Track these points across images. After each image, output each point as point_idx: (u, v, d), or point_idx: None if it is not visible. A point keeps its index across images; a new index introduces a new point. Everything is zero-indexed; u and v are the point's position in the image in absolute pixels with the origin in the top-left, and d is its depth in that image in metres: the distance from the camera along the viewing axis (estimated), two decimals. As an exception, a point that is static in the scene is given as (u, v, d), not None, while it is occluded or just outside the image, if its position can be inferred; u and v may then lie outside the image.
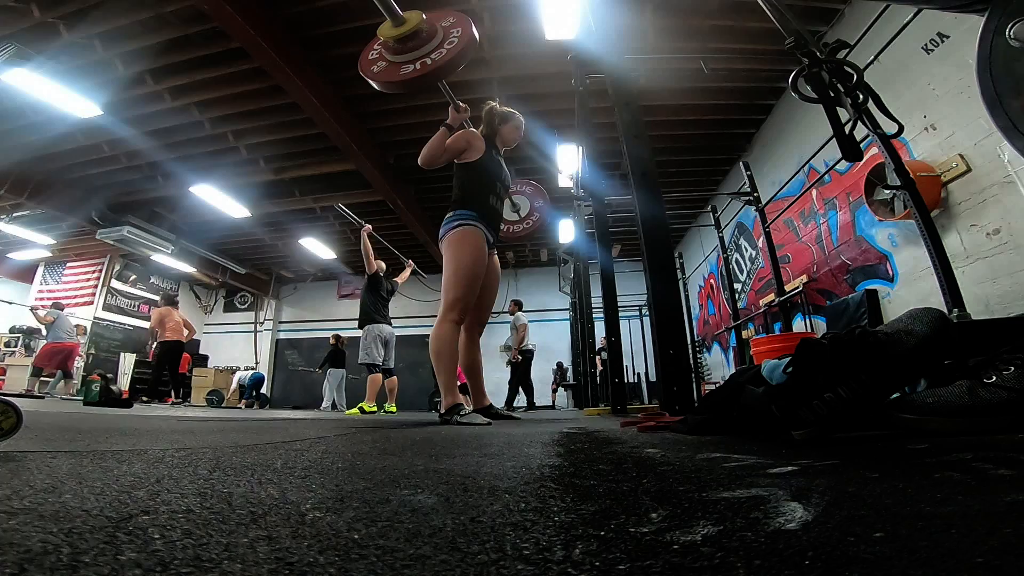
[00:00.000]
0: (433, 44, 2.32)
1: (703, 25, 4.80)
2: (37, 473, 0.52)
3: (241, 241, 10.27)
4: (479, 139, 2.55)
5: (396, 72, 2.32)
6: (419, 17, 2.29)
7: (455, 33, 2.33)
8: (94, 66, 5.17)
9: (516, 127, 2.73)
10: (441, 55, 2.28)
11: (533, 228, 3.92)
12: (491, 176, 2.53)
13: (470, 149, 2.50)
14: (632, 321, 8.70)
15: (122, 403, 4.14)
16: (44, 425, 1.31)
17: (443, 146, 2.40)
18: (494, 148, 2.64)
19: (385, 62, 2.38)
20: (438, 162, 2.41)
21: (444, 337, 2.27)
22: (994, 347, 0.78)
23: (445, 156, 2.42)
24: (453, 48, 2.28)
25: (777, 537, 0.29)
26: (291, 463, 0.67)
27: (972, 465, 0.48)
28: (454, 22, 2.41)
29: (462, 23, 2.38)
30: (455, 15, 2.46)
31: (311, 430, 1.51)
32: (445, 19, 2.43)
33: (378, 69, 2.37)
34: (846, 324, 4.27)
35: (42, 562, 0.24)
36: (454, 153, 2.46)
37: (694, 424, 1.08)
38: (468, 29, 2.34)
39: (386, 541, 0.30)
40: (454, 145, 2.44)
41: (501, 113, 2.71)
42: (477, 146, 2.52)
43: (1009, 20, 0.89)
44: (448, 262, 2.35)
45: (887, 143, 2.34)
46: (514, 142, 2.76)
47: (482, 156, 2.51)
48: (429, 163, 2.39)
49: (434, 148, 2.38)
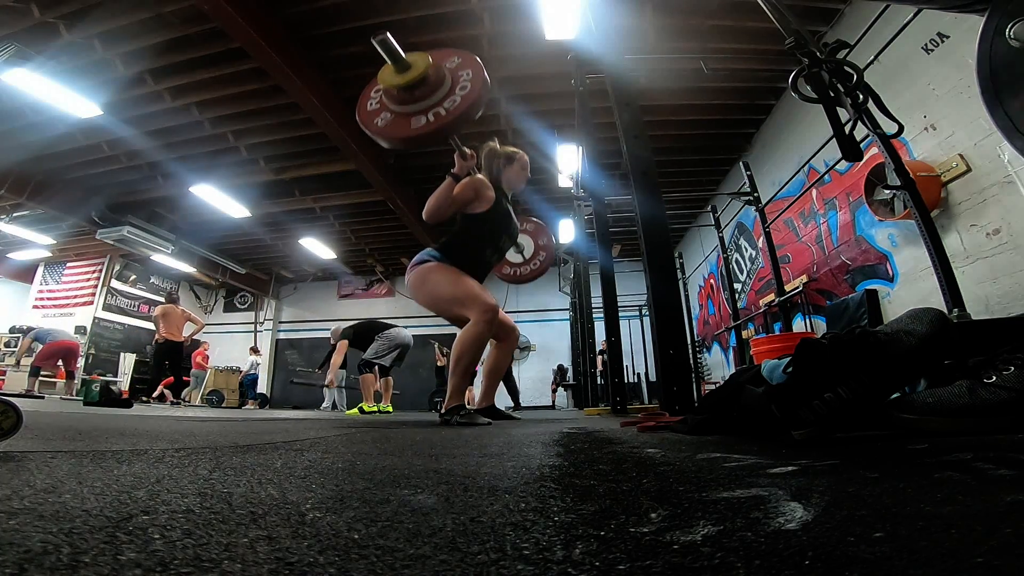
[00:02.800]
0: (443, 91, 2.04)
1: (703, 25, 4.80)
2: (37, 473, 0.52)
3: (241, 241, 10.27)
4: (489, 188, 2.33)
5: (406, 126, 2.04)
6: (425, 61, 2.02)
7: (465, 77, 2.07)
8: (94, 66, 5.17)
9: (522, 168, 2.53)
10: (455, 104, 2.00)
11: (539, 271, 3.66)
12: (497, 230, 2.36)
13: (479, 200, 2.30)
14: (632, 321, 8.70)
15: (122, 403, 4.14)
16: (44, 425, 1.31)
17: (449, 199, 2.20)
18: (503, 196, 2.42)
19: (390, 113, 2.09)
20: (445, 216, 2.23)
21: (471, 340, 2.13)
22: (994, 347, 0.78)
23: (451, 209, 2.23)
24: (468, 95, 2.01)
25: (777, 537, 0.29)
26: (291, 463, 0.67)
27: (972, 465, 0.48)
28: (460, 63, 2.14)
29: (471, 64, 2.12)
30: (460, 54, 2.19)
31: (311, 430, 1.51)
32: (449, 59, 2.16)
33: (383, 123, 2.09)
34: (846, 324, 4.27)
35: (42, 562, 0.24)
36: (461, 205, 2.27)
37: (694, 424, 1.08)
38: (479, 72, 2.08)
39: (386, 541, 0.30)
40: (461, 196, 2.25)
41: (503, 153, 2.50)
42: (486, 196, 2.31)
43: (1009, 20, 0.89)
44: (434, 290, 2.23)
45: (887, 143, 2.34)
46: (521, 185, 2.57)
47: (490, 208, 2.31)
48: (435, 218, 2.20)
49: (440, 202, 2.18)
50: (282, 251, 10.87)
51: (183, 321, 6.84)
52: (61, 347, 7.23)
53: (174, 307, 6.91)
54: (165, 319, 6.67)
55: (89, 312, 10.46)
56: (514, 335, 2.51)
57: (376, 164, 6.76)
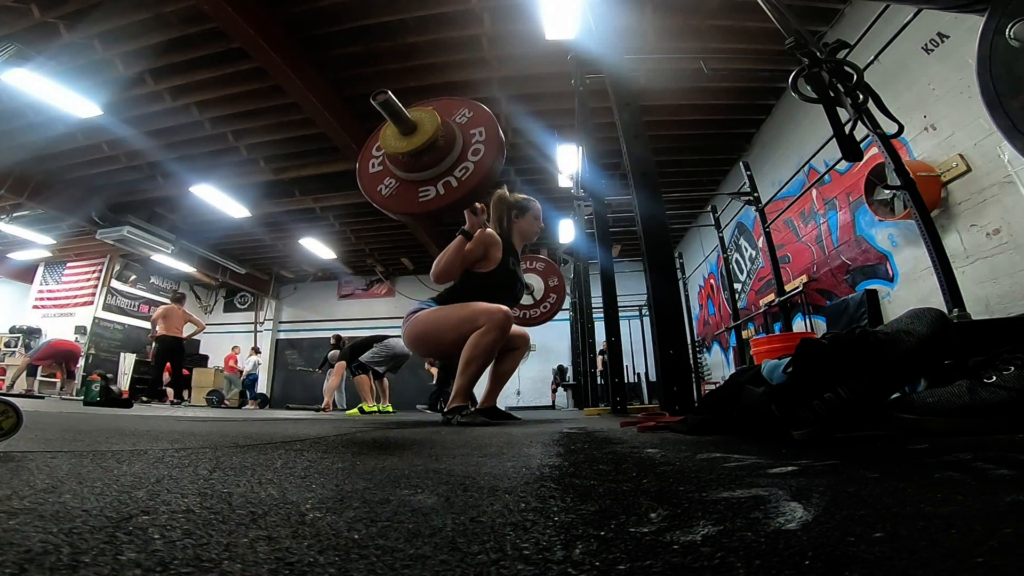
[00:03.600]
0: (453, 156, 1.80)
1: (703, 25, 4.80)
2: (37, 473, 0.52)
3: (241, 241, 10.27)
4: (497, 247, 2.24)
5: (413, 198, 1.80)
6: (434, 122, 1.77)
7: (478, 137, 1.83)
8: (94, 66, 5.17)
9: (535, 217, 2.39)
10: (467, 173, 1.77)
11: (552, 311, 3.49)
12: (501, 291, 2.23)
13: (487, 258, 2.22)
14: (632, 321, 8.70)
15: (122, 403, 4.14)
16: (44, 425, 1.31)
17: (460, 258, 2.10)
18: (512, 255, 2.31)
19: (395, 180, 1.86)
20: (455, 276, 2.12)
21: (484, 346, 2.03)
22: (994, 347, 0.78)
23: (460, 269, 2.14)
24: (482, 161, 1.78)
25: (777, 537, 0.29)
26: (291, 463, 0.67)
27: (972, 465, 0.48)
28: (472, 117, 1.90)
29: (483, 120, 1.88)
30: (470, 106, 1.94)
31: (311, 430, 1.51)
32: (459, 112, 1.92)
33: (388, 192, 1.86)
34: (846, 324, 4.27)
35: (42, 562, 0.24)
36: (470, 263, 2.18)
37: (694, 424, 1.08)
38: (493, 130, 1.83)
39: (386, 541, 0.30)
40: (471, 255, 2.16)
41: (515, 203, 2.38)
42: (493, 256, 2.22)
43: (1009, 20, 0.89)
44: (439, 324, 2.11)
45: (887, 143, 2.34)
46: (535, 236, 2.44)
47: (495, 268, 2.21)
48: (445, 279, 2.12)
49: (451, 262, 2.07)
50: (282, 251, 10.87)
51: (183, 322, 6.85)
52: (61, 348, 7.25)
53: (176, 307, 6.92)
54: (165, 319, 6.67)
55: (89, 312, 10.45)
56: (526, 344, 2.47)
57: (376, 164, 6.75)
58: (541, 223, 2.43)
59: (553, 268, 3.59)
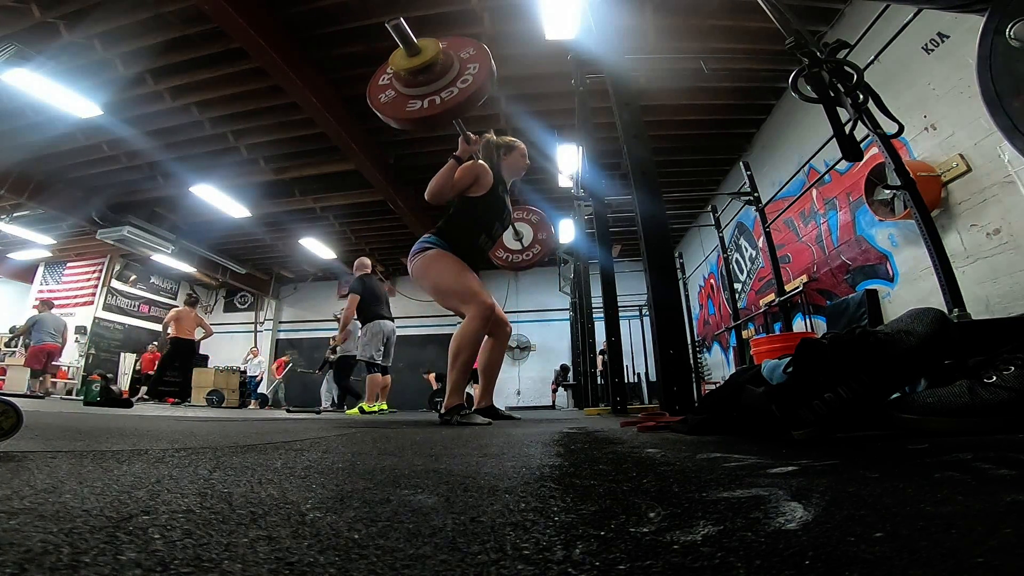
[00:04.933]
0: (445, 80, 2.12)
1: (703, 25, 4.80)
2: (37, 473, 0.52)
3: (241, 241, 10.27)
4: (488, 174, 2.43)
5: (402, 107, 2.14)
6: (436, 48, 2.10)
7: (471, 70, 2.14)
8: (94, 66, 5.17)
9: (521, 155, 2.62)
10: (451, 95, 2.08)
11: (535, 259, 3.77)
12: (490, 215, 2.44)
13: (477, 184, 2.40)
14: (632, 321, 8.70)
15: (122, 403, 4.14)
16: (44, 425, 1.31)
17: (451, 180, 2.32)
18: (500, 183, 2.53)
19: (394, 92, 2.20)
20: (445, 197, 2.33)
21: (468, 336, 2.20)
22: (994, 347, 0.78)
23: (453, 192, 2.34)
24: (466, 88, 2.08)
25: (777, 537, 0.29)
26: (291, 463, 0.67)
27: (972, 465, 0.48)
28: (474, 54, 2.20)
29: (481, 59, 2.18)
30: (476, 46, 2.25)
31: (311, 430, 1.51)
32: (465, 49, 2.23)
33: (385, 99, 2.20)
34: (846, 324, 4.27)
35: (42, 562, 0.24)
36: (462, 188, 2.38)
37: (694, 424, 1.08)
38: (485, 68, 2.14)
39: (386, 541, 0.30)
40: (462, 181, 2.35)
41: (503, 143, 2.60)
42: (484, 182, 2.41)
43: (1009, 20, 0.89)
44: (437, 282, 2.30)
45: (887, 143, 2.34)
46: (523, 170, 2.65)
47: (486, 193, 2.41)
48: (436, 199, 2.31)
49: (442, 183, 2.29)
50: (282, 251, 10.87)
51: (194, 325, 6.88)
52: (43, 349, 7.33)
53: (189, 310, 6.95)
54: (177, 322, 6.72)
55: (89, 312, 10.46)
56: (505, 329, 2.57)
57: (376, 164, 6.76)
58: (527, 160, 2.66)
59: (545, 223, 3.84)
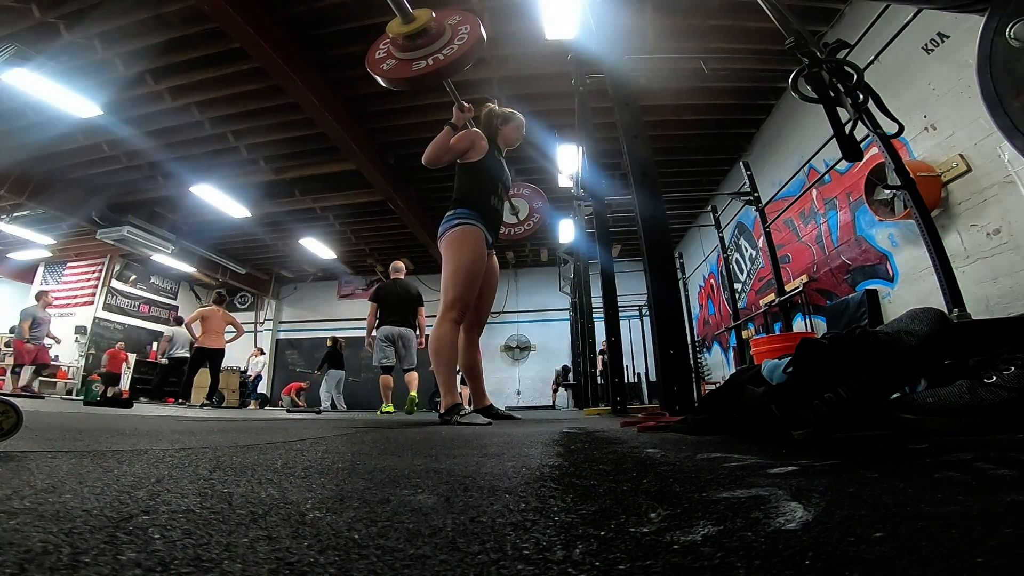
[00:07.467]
0: (442, 41, 2.37)
1: (703, 25, 4.80)
2: (37, 473, 0.52)
3: (241, 241, 10.27)
4: (482, 139, 2.55)
5: (407, 69, 2.36)
6: (428, 15, 2.34)
7: (464, 31, 2.39)
8: (94, 66, 5.17)
9: (517, 127, 2.73)
10: (452, 51, 2.33)
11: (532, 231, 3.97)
12: (493, 177, 2.53)
13: (473, 149, 2.50)
14: (632, 321, 8.70)
15: (122, 403, 4.14)
16: (44, 425, 1.31)
17: (447, 145, 2.41)
18: (496, 149, 2.65)
19: (394, 60, 2.42)
20: (442, 161, 2.42)
21: (443, 337, 2.27)
22: (994, 347, 0.78)
23: (449, 156, 2.44)
24: (463, 45, 2.33)
25: (777, 537, 0.29)
26: (291, 463, 0.67)
27: (972, 465, 0.48)
28: (461, 20, 2.46)
29: (470, 21, 2.43)
30: (461, 13, 2.51)
31: (311, 430, 1.51)
32: (452, 17, 2.48)
33: (388, 67, 2.41)
34: (846, 324, 4.27)
35: (42, 562, 0.24)
36: (458, 153, 2.47)
37: (694, 424, 1.08)
38: (476, 27, 2.39)
39: (386, 541, 0.30)
40: (458, 145, 2.46)
41: (501, 114, 2.72)
42: (480, 146, 2.52)
43: (1009, 20, 0.89)
44: (447, 261, 2.35)
45: (887, 143, 2.34)
46: (516, 142, 2.77)
47: (484, 156, 2.51)
48: (433, 162, 2.41)
49: (438, 147, 2.39)
50: (282, 251, 10.87)
51: (224, 325, 6.18)
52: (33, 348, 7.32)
53: (217, 309, 6.17)
54: (204, 321, 6.04)
55: (89, 312, 10.46)
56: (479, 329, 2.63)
57: (376, 164, 6.76)
58: (523, 132, 2.78)
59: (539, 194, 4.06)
